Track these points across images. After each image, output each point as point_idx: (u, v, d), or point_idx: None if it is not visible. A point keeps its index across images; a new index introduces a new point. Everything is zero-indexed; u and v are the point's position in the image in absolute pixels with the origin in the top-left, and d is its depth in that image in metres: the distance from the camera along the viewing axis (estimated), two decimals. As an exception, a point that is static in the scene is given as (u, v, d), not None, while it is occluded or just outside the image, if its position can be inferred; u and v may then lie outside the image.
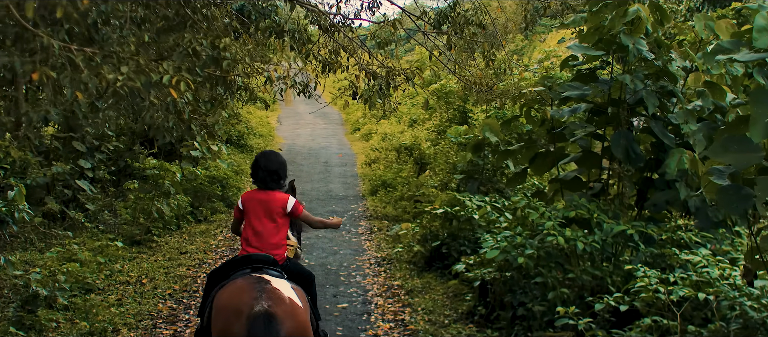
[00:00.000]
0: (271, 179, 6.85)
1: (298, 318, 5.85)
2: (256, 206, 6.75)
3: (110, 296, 11.28)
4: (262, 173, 6.86)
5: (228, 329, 5.66)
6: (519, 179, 12.08)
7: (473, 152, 15.71)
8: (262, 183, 6.86)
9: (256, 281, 5.92)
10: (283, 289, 5.95)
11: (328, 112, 38.46)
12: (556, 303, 8.99)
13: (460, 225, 13.10)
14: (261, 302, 5.64)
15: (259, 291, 5.76)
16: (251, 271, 6.32)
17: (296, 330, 5.76)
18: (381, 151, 24.73)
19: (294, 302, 5.92)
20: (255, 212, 6.74)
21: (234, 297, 5.83)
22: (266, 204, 6.75)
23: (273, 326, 5.52)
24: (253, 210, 6.76)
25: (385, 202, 18.76)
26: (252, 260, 6.48)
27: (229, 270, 6.48)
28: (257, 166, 6.88)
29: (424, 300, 11.37)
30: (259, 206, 6.75)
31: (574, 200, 9.87)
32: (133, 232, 14.76)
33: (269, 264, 6.50)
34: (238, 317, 5.61)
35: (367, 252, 14.64)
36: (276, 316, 5.59)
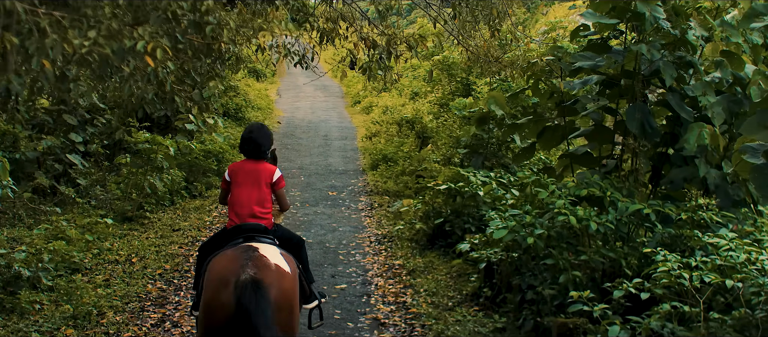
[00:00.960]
0: (259, 151, 6.95)
1: (284, 284, 5.96)
2: (245, 176, 6.85)
3: (97, 276, 10.76)
4: (251, 145, 6.92)
5: (217, 298, 5.75)
6: (527, 154, 11.51)
7: (477, 126, 15.14)
8: (251, 154, 6.96)
9: (245, 250, 6.04)
10: (271, 256, 6.06)
11: (328, 84, 37.86)
12: (568, 287, 8.46)
13: (464, 202, 12.57)
14: (247, 270, 5.71)
15: (246, 259, 5.86)
16: (243, 240, 6.42)
17: (282, 296, 5.86)
18: (382, 124, 24.14)
19: (281, 268, 6.03)
20: (243, 182, 6.83)
21: (223, 267, 5.94)
22: (255, 174, 6.86)
23: (260, 292, 5.58)
24: (241, 180, 6.85)
25: (386, 177, 18.21)
26: (243, 230, 6.58)
27: (222, 241, 6.60)
28: (247, 139, 6.95)
29: (426, 281, 10.85)
30: (247, 176, 6.85)
31: (586, 177, 9.31)
32: (124, 208, 14.22)
33: (260, 232, 6.60)
34: (226, 286, 5.70)
35: (367, 229, 14.11)
36: (262, 282, 5.65)
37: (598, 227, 8.56)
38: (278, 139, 23.57)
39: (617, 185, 9.31)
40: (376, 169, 19.33)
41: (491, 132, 15.33)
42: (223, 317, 5.68)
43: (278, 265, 6.03)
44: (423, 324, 9.19)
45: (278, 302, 5.78)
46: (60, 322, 8.91)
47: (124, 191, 14.93)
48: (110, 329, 8.80)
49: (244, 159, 7.07)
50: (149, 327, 8.97)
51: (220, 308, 5.72)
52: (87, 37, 4.72)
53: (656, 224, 8.70)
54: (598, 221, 8.62)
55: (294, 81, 38.52)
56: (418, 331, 9.03)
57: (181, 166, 16.68)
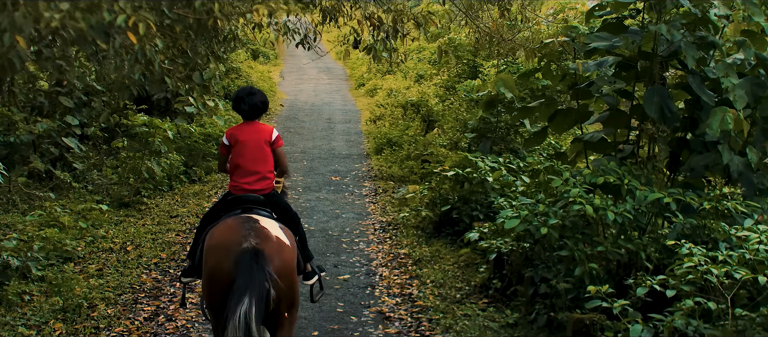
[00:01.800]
0: (257, 110, 6.91)
1: (285, 256, 6.07)
2: (243, 137, 6.83)
3: (90, 266, 10.33)
4: (246, 106, 6.86)
5: (219, 266, 5.87)
6: (537, 138, 11.02)
7: (486, 109, 14.67)
8: (248, 115, 6.90)
9: (245, 220, 6.13)
10: (271, 228, 6.15)
11: (332, 66, 37.36)
12: (584, 280, 8.01)
13: (471, 188, 12.09)
14: (249, 240, 5.82)
15: (247, 230, 5.96)
16: (242, 211, 6.47)
17: (282, 267, 5.96)
18: (386, 107, 23.64)
19: (281, 240, 6.14)
20: (242, 145, 6.80)
21: (224, 236, 6.03)
22: (254, 135, 6.84)
23: (261, 262, 5.68)
24: (240, 143, 6.82)
25: (391, 161, 17.73)
26: (242, 201, 6.61)
27: (220, 211, 6.65)
28: (242, 99, 6.87)
29: (433, 271, 10.40)
30: (246, 137, 6.83)
31: (602, 164, 8.83)
32: (121, 193, 13.77)
33: (259, 204, 6.62)
34: (228, 254, 5.81)
35: (372, 216, 13.65)
36: (263, 252, 5.77)
37: (615, 218, 8.09)
38: (281, 122, 23.12)
39: (635, 173, 8.83)
40: (380, 153, 18.86)
41: (500, 115, 14.84)
42: (226, 283, 5.77)
43: (278, 237, 6.14)
44: (430, 318, 8.75)
45: (279, 272, 5.87)
46: (48, 315, 8.48)
47: (121, 176, 14.50)
48: (101, 323, 8.36)
49: (241, 123, 7.00)
50: (142, 321, 8.53)
51: (223, 275, 5.82)
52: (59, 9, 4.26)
53: (677, 214, 8.23)
54: (615, 211, 8.16)
55: (297, 63, 38.01)
56: (425, 325, 8.58)
57: (180, 150, 16.24)
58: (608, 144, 10.21)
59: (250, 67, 31.18)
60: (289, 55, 39.18)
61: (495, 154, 13.97)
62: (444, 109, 19.50)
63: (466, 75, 21.31)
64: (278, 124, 22.87)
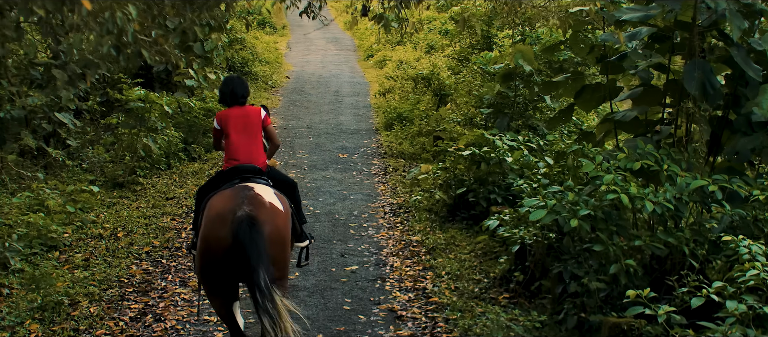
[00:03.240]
0: (242, 98, 7.16)
1: (278, 222, 6.24)
2: (234, 121, 7.02)
3: (77, 255, 9.54)
4: (231, 97, 7.15)
5: (215, 234, 6.04)
6: (563, 116, 10.10)
7: (503, 83, 13.76)
8: (234, 103, 7.15)
9: (241, 189, 6.32)
10: (265, 194, 6.34)
11: (340, 37, 36.40)
12: (620, 279, 7.16)
13: (489, 169, 11.22)
14: (243, 207, 6.00)
15: (242, 198, 6.15)
16: (239, 181, 6.63)
17: (276, 231, 6.16)
18: (396, 80, 22.72)
19: (275, 206, 6.32)
20: (234, 127, 6.99)
21: (220, 205, 6.21)
22: (244, 118, 7.04)
23: (255, 228, 5.86)
24: (232, 125, 7.01)
25: (401, 138, 16.84)
26: (240, 171, 6.78)
27: (219, 182, 6.79)
28: (228, 90, 7.16)
29: (448, 261, 9.56)
30: (237, 121, 7.02)
31: (639, 146, 7.94)
32: (115, 172, 12.95)
33: (255, 173, 6.81)
34: (224, 222, 5.99)
35: (381, 198, 12.80)
36: (257, 219, 5.94)
37: (655, 208, 7.22)
38: (287, 95, 22.26)
39: (675, 157, 7.95)
40: (390, 129, 17.96)
41: (518, 90, 13.93)
42: (220, 250, 5.99)
43: (272, 203, 6.30)
44: (446, 318, 7.89)
45: (272, 237, 6.06)
46: (25, 314, 7.66)
47: (115, 155, 13.68)
48: (81, 324, 7.53)
49: (227, 108, 7.21)
50: (127, 321, 7.70)
51: (217, 242, 6.01)
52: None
53: (723, 203, 7.36)
54: (654, 200, 7.29)
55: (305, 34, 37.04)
56: (442, 326, 7.73)
57: (179, 126, 15.39)
58: (641, 124, 9.31)
59: (256, 37, 30.24)
60: (296, 25, 38.18)
61: (513, 132, 13.09)
62: (457, 83, 18.57)
63: (480, 46, 20.34)
64: (284, 97, 21.99)
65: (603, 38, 9.19)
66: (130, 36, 4.91)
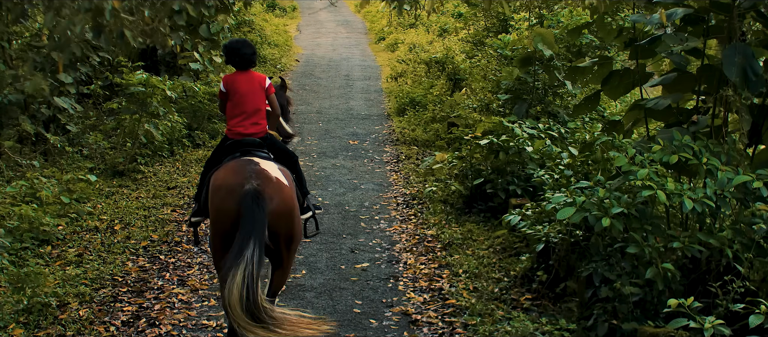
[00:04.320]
0: (248, 61, 7.17)
1: (284, 195, 6.35)
2: (239, 84, 7.08)
3: (70, 249, 8.97)
4: (238, 57, 7.15)
5: (223, 206, 6.17)
6: (589, 104, 9.42)
7: (521, 67, 13.09)
8: (241, 65, 7.17)
9: (247, 163, 6.42)
10: (271, 169, 6.43)
11: (351, 19, 35.74)
12: (656, 284, 6.54)
13: (508, 158, 10.59)
14: (251, 181, 6.11)
15: (249, 172, 6.25)
16: (241, 154, 6.75)
17: (282, 205, 6.27)
18: (408, 63, 22.05)
19: (280, 180, 6.42)
20: (239, 91, 7.06)
21: (228, 178, 6.31)
22: (248, 82, 7.10)
23: (261, 201, 5.97)
24: (236, 89, 7.07)
25: (414, 124, 16.20)
26: (242, 144, 6.90)
27: (222, 155, 6.95)
28: (235, 52, 7.15)
29: (465, 258, 8.94)
30: (242, 84, 7.08)
31: (675, 138, 7.30)
32: (115, 160, 12.37)
33: (256, 147, 6.93)
34: (231, 195, 6.11)
35: (394, 187, 12.18)
36: (264, 193, 6.06)
37: (695, 206, 6.60)
38: (296, 79, 21.64)
39: (714, 149, 7.31)
40: (402, 114, 17.31)
41: (537, 75, 13.27)
42: (229, 221, 6.09)
43: (278, 178, 6.40)
44: (465, 324, 7.27)
45: (279, 210, 6.19)
46: (9, 318, 7.08)
47: (117, 141, 13.11)
48: (69, 329, 6.94)
49: (236, 71, 7.22)
50: (119, 326, 7.10)
51: (226, 214, 6.12)
52: None
53: (769, 201, 6.73)
54: (693, 197, 6.66)
55: (315, 16, 36.36)
56: (460, 333, 7.12)
57: (183, 111, 14.78)
58: (673, 112, 8.66)
59: (265, 20, 29.60)
60: (307, 7, 37.54)
61: (532, 119, 12.45)
62: (472, 67, 17.90)
63: (496, 29, 19.64)
64: (293, 81, 21.36)
65: (633, 20, 8.53)
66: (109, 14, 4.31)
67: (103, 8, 4.22)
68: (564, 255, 7.95)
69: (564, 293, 7.79)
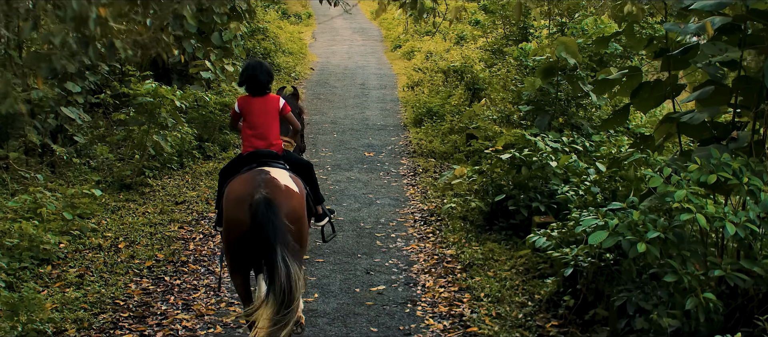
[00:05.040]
0: (263, 87, 7.16)
1: (293, 203, 6.46)
2: (253, 107, 7.11)
3: (71, 270, 8.52)
4: (254, 83, 7.12)
5: (235, 216, 6.28)
6: (619, 118, 8.92)
7: (544, 78, 12.60)
8: (256, 91, 7.14)
9: (258, 173, 6.53)
10: (281, 178, 6.55)
11: (366, 27, 35.32)
12: (697, 316, 6.04)
13: (530, 173, 10.11)
14: (260, 191, 6.21)
15: (259, 182, 6.36)
16: (257, 165, 6.81)
17: (291, 212, 6.36)
18: (425, 72, 21.56)
19: (290, 188, 6.54)
20: (253, 113, 7.09)
21: (239, 189, 6.43)
22: (263, 105, 7.12)
23: (272, 209, 6.05)
24: (251, 111, 7.11)
25: (432, 135, 15.72)
26: (258, 155, 6.96)
27: (238, 166, 6.98)
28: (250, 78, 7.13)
29: (487, 281, 8.45)
30: (256, 107, 7.10)
31: (713, 156, 6.80)
32: (123, 173, 11.94)
33: (272, 158, 6.99)
34: (243, 205, 6.21)
35: (411, 203, 11.70)
36: (274, 201, 6.14)
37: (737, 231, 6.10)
38: (310, 88, 21.20)
39: (755, 168, 6.80)
40: (419, 125, 16.84)
41: (559, 85, 12.77)
42: (240, 231, 6.22)
43: (288, 186, 6.52)
44: (488, 355, 6.80)
45: (288, 217, 6.23)
46: (1, 346, 6.66)
47: (124, 153, 12.70)
48: (64, 360, 6.52)
49: (247, 94, 7.22)
50: (118, 356, 6.67)
51: (238, 224, 6.24)
52: None
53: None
54: (735, 221, 6.16)
55: (330, 23, 35.95)
56: (483, 365, 6.64)
57: (194, 121, 14.35)
58: (708, 127, 8.14)
59: (279, 27, 29.20)
60: (322, 14, 37.12)
61: (555, 131, 11.97)
62: (491, 76, 17.40)
63: (515, 37, 19.15)
64: (307, 90, 20.92)
65: (667, 28, 8.03)
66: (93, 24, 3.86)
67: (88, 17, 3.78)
68: (592, 279, 7.47)
69: (593, 321, 7.29)
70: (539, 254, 8.72)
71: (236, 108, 7.21)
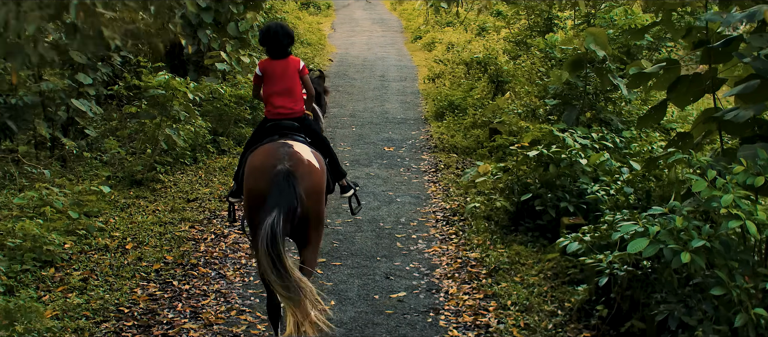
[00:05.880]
0: (282, 46, 7.16)
1: (314, 178, 6.55)
2: (275, 70, 7.16)
3: (74, 272, 8.08)
4: (275, 45, 7.14)
5: (256, 186, 6.36)
6: (656, 114, 8.38)
7: (571, 70, 12.05)
8: (277, 54, 7.18)
9: (281, 146, 6.59)
10: (303, 152, 6.61)
11: (386, 18, 34.83)
12: (748, 334, 5.53)
13: (558, 171, 9.60)
14: (284, 163, 6.32)
15: (282, 154, 6.44)
16: (279, 137, 6.89)
17: (312, 186, 6.47)
18: (446, 64, 21.03)
19: (312, 163, 6.59)
20: (274, 76, 7.16)
21: (262, 159, 6.50)
22: (284, 68, 7.16)
23: (292, 182, 6.20)
24: (272, 74, 7.18)
25: (454, 129, 15.20)
26: (281, 127, 7.04)
27: (261, 136, 7.05)
28: (272, 39, 7.14)
29: (513, 287, 7.96)
30: (277, 70, 7.15)
31: (760, 156, 6.28)
32: (134, 168, 11.52)
33: (294, 131, 7.07)
34: (264, 175, 6.30)
35: (432, 201, 11.21)
36: (295, 174, 6.28)
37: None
38: (329, 79, 20.70)
39: (808, 170, 6.27)
40: (441, 118, 16.32)
41: (588, 78, 12.23)
42: (262, 200, 6.21)
43: (310, 160, 6.59)
44: (517, 372, 6.30)
45: (307, 191, 6.37)
46: (-4, 358, 6.23)
47: (136, 147, 12.28)
48: (61, 374, 6.08)
49: (269, 58, 7.27)
50: (119, 371, 6.23)
51: (259, 193, 6.28)
52: None
53: None
54: (788, 229, 5.65)
55: (350, 14, 35.53)
56: (511, 382, 6.15)
57: (208, 114, 13.90)
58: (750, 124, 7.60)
59: (298, 17, 28.76)
60: (342, 4, 36.71)
61: (583, 127, 11.44)
62: (515, 69, 16.85)
63: (539, 28, 18.58)
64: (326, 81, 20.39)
65: (708, 18, 7.50)
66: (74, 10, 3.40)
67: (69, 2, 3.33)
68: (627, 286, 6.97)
69: (629, 333, 6.78)
70: (568, 257, 8.22)
71: (258, 71, 7.30)
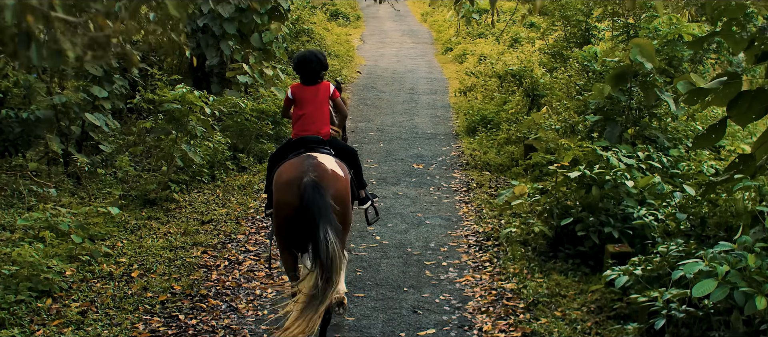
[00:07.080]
0: (314, 73, 7.41)
1: (339, 185, 6.77)
2: (306, 94, 7.40)
3: (73, 304, 7.39)
4: (307, 72, 7.41)
5: (285, 198, 6.65)
6: (715, 134, 7.55)
7: (614, 84, 11.23)
8: (308, 80, 7.42)
9: (306, 158, 6.87)
10: (328, 163, 6.86)
11: (416, 29, 34.09)
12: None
13: (602, 193, 8.80)
14: (309, 174, 6.58)
15: (307, 166, 6.72)
16: (305, 150, 7.09)
17: (336, 194, 6.67)
18: (478, 76, 20.24)
19: (336, 173, 6.84)
20: (305, 100, 7.38)
21: (289, 172, 6.78)
22: (315, 93, 7.40)
23: (319, 191, 6.43)
24: (302, 99, 7.40)
25: (486, 146, 14.41)
26: (306, 141, 7.23)
27: (288, 151, 7.24)
28: (304, 66, 7.42)
29: (554, 323, 7.18)
30: (308, 94, 7.40)
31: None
32: (147, 187, 10.86)
33: (319, 144, 7.26)
34: (291, 188, 6.60)
35: (464, 223, 10.43)
36: (321, 184, 6.52)
37: None
38: (356, 93, 20.04)
39: None
40: (473, 134, 15.54)
41: (631, 93, 11.41)
42: (291, 211, 6.55)
43: (334, 170, 6.80)
44: None
45: (334, 199, 6.54)
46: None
47: (152, 163, 11.64)
48: None
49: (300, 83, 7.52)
50: None
51: (287, 205, 6.58)
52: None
53: None
54: None
55: (379, 25, 34.81)
56: None
57: (228, 129, 13.23)
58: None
59: (326, 29, 28.11)
60: (371, 16, 36.04)
61: (627, 145, 10.63)
62: (552, 82, 16.02)
63: (577, 39, 17.73)
64: (353, 94, 19.75)
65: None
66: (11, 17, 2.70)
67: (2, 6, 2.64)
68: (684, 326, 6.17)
69: (689, 383, 5.98)
70: (614, 289, 7.43)
71: (289, 94, 7.53)
